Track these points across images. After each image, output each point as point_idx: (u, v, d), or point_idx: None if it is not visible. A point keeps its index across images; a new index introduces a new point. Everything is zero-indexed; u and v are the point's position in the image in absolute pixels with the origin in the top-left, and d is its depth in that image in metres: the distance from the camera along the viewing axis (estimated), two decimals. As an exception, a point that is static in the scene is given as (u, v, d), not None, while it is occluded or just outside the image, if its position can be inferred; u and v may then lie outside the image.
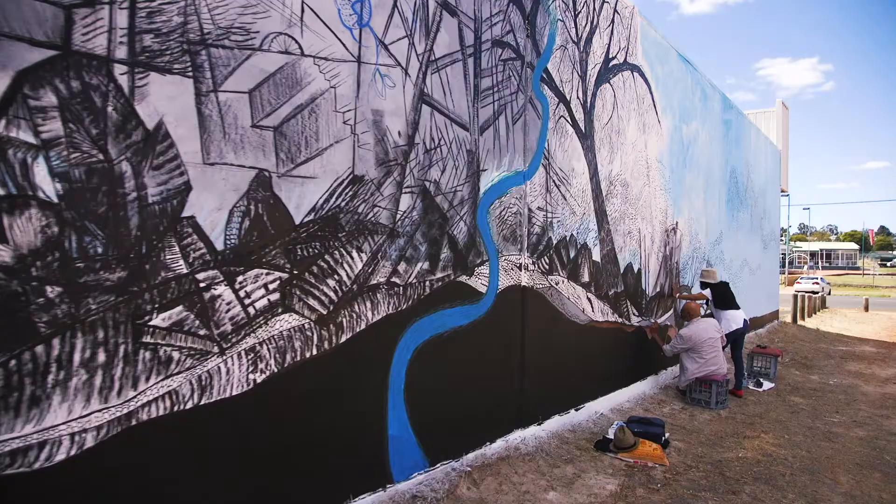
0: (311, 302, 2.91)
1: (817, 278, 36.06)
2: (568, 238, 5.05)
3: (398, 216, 3.37)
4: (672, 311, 7.21)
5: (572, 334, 5.15)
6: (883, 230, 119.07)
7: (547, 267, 4.75)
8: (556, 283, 4.89)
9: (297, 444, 2.87)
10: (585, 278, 5.34)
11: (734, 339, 7.11)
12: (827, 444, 5.32)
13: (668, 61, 7.19)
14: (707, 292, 7.33)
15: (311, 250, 2.91)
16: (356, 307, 3.13)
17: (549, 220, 4.76)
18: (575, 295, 5.16)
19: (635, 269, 6.38)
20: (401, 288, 3.40)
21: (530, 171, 4.52)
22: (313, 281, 2.92)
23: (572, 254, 5.12)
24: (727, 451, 4.93)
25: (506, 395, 4.34)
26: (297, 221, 2.85)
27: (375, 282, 3.24)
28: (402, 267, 3.40)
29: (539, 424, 4.68)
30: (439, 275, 3.67)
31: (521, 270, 4.43)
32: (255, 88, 2.65)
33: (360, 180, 3.14)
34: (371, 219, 3.20)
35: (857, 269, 73.36)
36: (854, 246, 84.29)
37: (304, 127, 2.86)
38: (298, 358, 2.86)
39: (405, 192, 3.41)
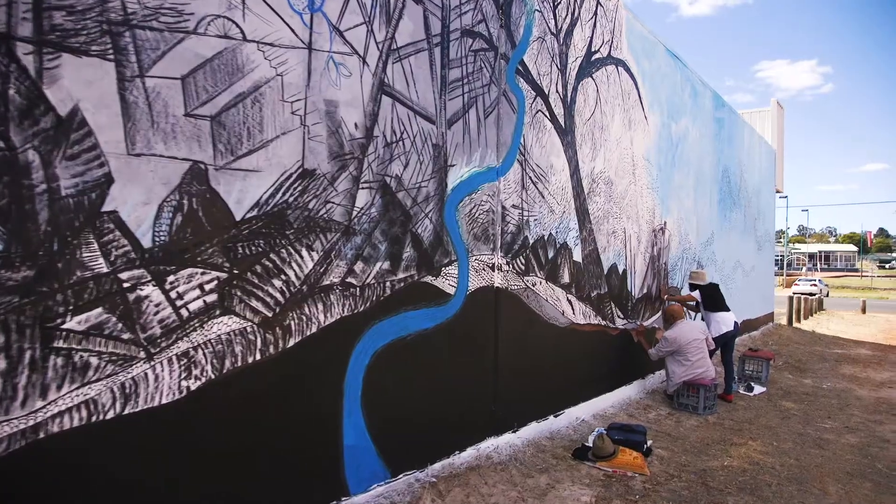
0: (255, 303, 2.72)
1: (815, 280, 35.88)
2: (546, 237, 4.86)
3: (355, 213, 3.18)
4: (660, 313, 7.01)
5: (551, 337, 4.96)
6: (882, 232, 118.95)
7: (523, 267, 4.56)
8: (533, 285, 4.69)
9: (238, 456, 2.67)
10: (565, 279, 5.15)
11: (724, 343, 6.91)
12: (817, 452, 5.13)
13: (656, 56, 7.01)
14: (696, 294, 7.14)
15: (254, 248, 2.71)
16: (306, 309, 2.94)
17: (524, 218, 4.57)
18: (554, 297, 4.97)
19: (620, 270, 6.18)
20: (357, 289, 3.20)
21: (504, 167, 4.33)
22: (257, 281, 2.73)
23: (551, 254, 4.93)
24: (712, 460, 4.73)
25: (477, 401, 4.15)
26: (239, 217, 2.65)
27: (328, 282, 3.05)
28: (359, 267, 3.21)
29: (514, 432, 4.48)
30: (402, 275, 3.48)
31: (493, 271, 4.24)
32: (190, 74, 2.46)
33: (311, 174, 2.95)
34: (323, 215, 3.01)
35: (856, 271, 73.19)
36: (853, 248, 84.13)
37: (246, 117, 2.67)
38: (240, 363, 2.66)
39: (363, 188, 3.22)
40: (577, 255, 5.34)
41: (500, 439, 4.31)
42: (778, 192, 14.79)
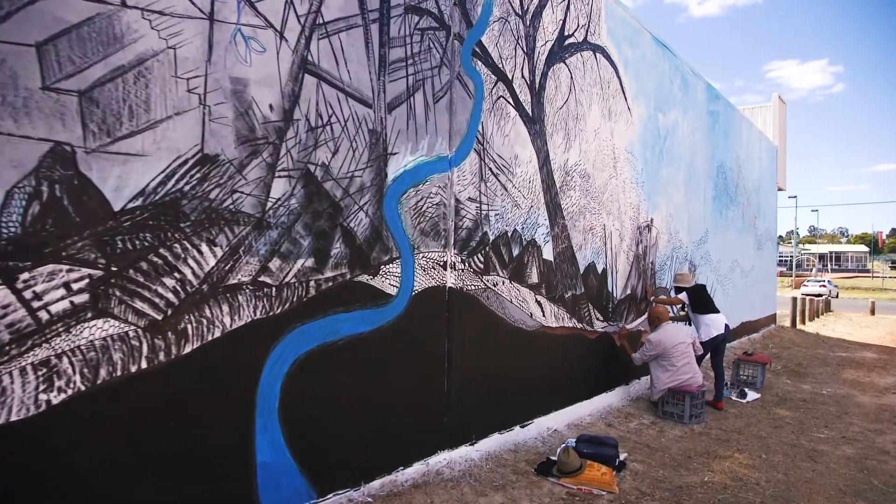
0: (140, 305, 2.39)
1: (824, 281, 35.21)
2: (510, 234, 4.51)
3: (270, 204, 2.84)
4: (646, 315, 6.62)
5: (517, 341, 4.60)
6: (894, 232, 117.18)
7: (482, 266, 4.21)
8: (495, 285, 4.34)
9: (116, 480, 2.34)
10: (533, 279, 4.78)
11: (714, 347, 6.51)
12: (808, 465, 4.74)
13: (641, 44, 6.64)
14: (683, 296, 6.73)
15: (138, 243, 2.39)
16: (207, 311, 2.61)
17: (483, 212, 4.22)
18: (520, 298, 4.61)
19: (599, 270, 5.81)
20: (273, 289, 2.87)
21: (458, 156, 3.98)
22: (142, 280, 2.40)
23: (516, 251, 4.58)
24: (692, 475, 4.36)
25: (427, 411, 3.80)
26: (118, 208, 2.33)
27: (236, 281, 2.71)
28: (275, 264, 2.87)
29: (472, 444, 4.13)
30: (329, 274, 3.14)
31: (446, 269, 3.89)
32: (48, 42, 2.14)
33: (213, 160, 2.62)
34: (230, 206, 2.68)
35: (868, 271, 72.00)
36: (864, 248, 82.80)
37: (127, 94, 2.35)
38: (119, 373, 2.33)
39: (280, 176, 2.89)
40: (548, 253, 4.98)
41: (454, 453, 3.96)
42: (780, 189, 14.32)
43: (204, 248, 2.59)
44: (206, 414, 2.61)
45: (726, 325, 6.51)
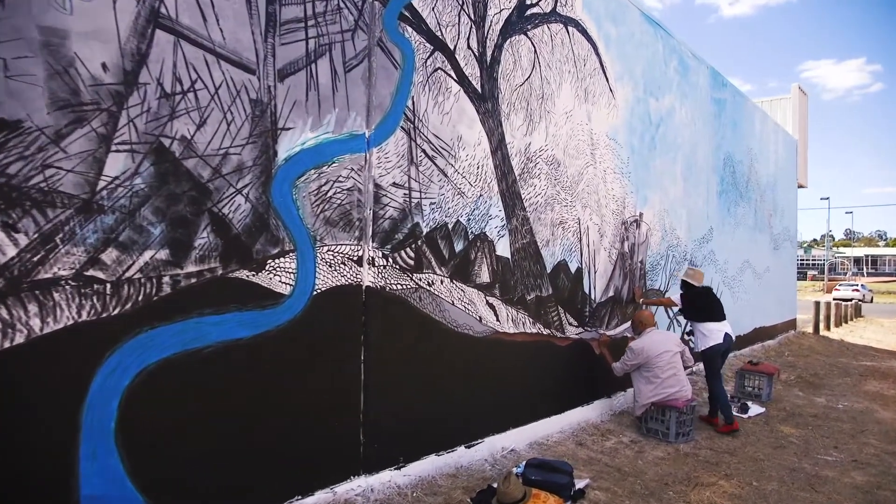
0: None
1: (858, 285, 33.58)
2: (451, 226, 3.95)
3: (102, 184, 2.35)
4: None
5: (462, 350, 4.03)
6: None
7: (411, 262, 3.66)
8: (430, 284, 3.78)
9: None
10: (483, 278, 4.21)
11: (709, 358, 5.73)
12: (806, 496, 4.07)
13: (626, 21, 6.01)
14: (676, 297, 5.97)
15: None
16: (4, 311, 2.11)
17: (414, 201, 3.67)
18: (465, 300, 4.05)
19: (572, 269, 5.20)
20: (108, 285, 2.37)
21: (379, 135, 3.44)
22: None
23: (459, 246, 4.01)
24: (662, 506, 3.73)
25: (336, 430, 3.26)
26: None
27: (50, 276, 2.22)
28: (110, 255, 2.37)
29: (399, 468, 3.57)
30: (192, 269, 2.63)
31: (361, 266, 3.35)
32: None
33: (13, 127, 2.13)
34: (39, 184, 2.19)
35: (907, 275, 69.01)
36: (903, 251, 79.52)
37: None
38: None
39: (119, 151, 2.39)
40: (504, 249, 4.40)
41: (373, 479, 3.41)
42: (801, 186, 13.39)
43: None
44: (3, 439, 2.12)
45: (727, 336, 5.66)
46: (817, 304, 13.74)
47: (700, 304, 5.75)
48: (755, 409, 6.29)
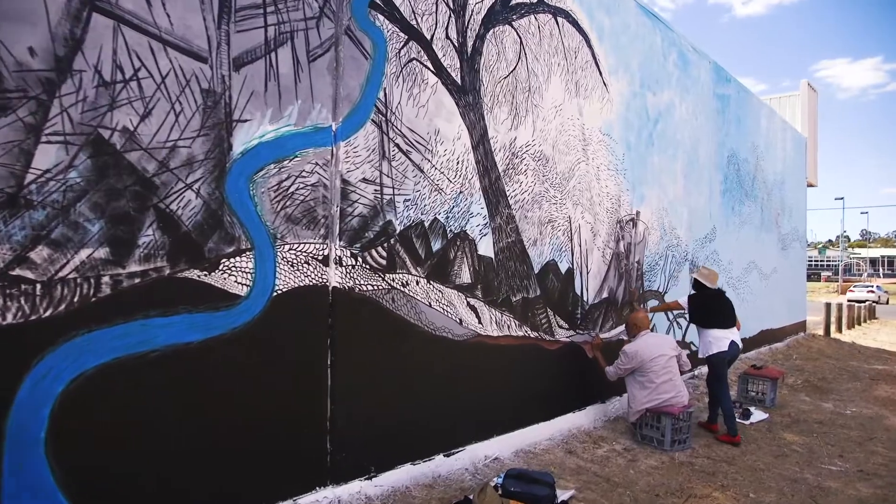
0: None
1: (873, 286, 32.94)
2: (428, 224, 3.77)
3: (31, 177, 2.20)
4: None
5: (441, 353, 3.85)
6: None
7: (384, 262, 3.48)
8: (405, 285, 3.61)
9: None
10: (464, 279, 4.03)
11: (713, 364, 5.38)
12: (806, 509, 3.84)
13: (621, 12, 5.80)
14: (683, 301, 5.71)
15: None
16: (-83, 315, 1.97)
17: (387, 197, 3.50)
18: (444, 301, 3.87)
19: (563, 269, 5.00)
20: (38, 286, 2.22)
21: (347, 128, 3.28)
22: None
23: (437, 245, 3.83)
24: (650, 520, 3.53)
25: (300, 439, 3.09)
26: None
27: (-30, 276, 2.07)
28: (41, 254, 2.22)
29: (370, 478, 3.40)
30: (136, 268, 2.47)
31: (328, 265, 3.18)
32: None
33: (-72, 116, 1.98)
34: (-41, 177, 2.04)
35: (925, 276, 67.71)
36: (922, 252, 78.11)
37: None
38: None
39: (50, 142, 2.24)
40: (487, 249, 4.21)
41: (341, 489, 3.24)
42: (810, 185, 13.06)
43: (-88, 231, 1.96)
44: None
45: (732, 343, 5.34)
46: (828, 305, 13.38)
47: (709, 308, 5.42)
48: (758, 415, 6.04)
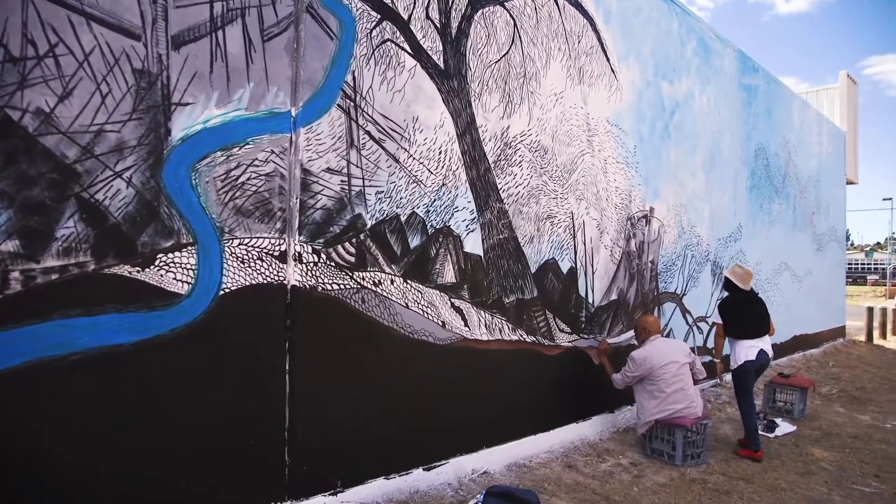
0: None
1: (923, 290, 31.17)
2: (405, 218, 3.48)
3: (-73, 161, 1.99)
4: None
5: (421, 359, 3.56)
6: None
7: (352, 259, 3.21)
8: (377, 284, 3.32)
9: None
10: (448, 278, 3.72)
11: (738, 375, 4.89)
12: (830, 537, 3.40)
13: (631, -6, 5.42)
14: (716, 315, 5.08)
15: None
16: None
17: (355, 189, 3.22)
18: (423, 302, 3.57)
19: (564, 269, 4.64)
20: (-66, 282, 2.01)
21: (309, 113, 3.01)
22: None
23: (415, 241, 3.54)
24: (648, 547, 3.16)
25: (254, 452, 2.83)
26: None
27: None
28: (-63, 247, 2.02)
29: (335, 493, 3.12)
30: (54, 262, 2.25)
31: (285, 262, 2.92)
32: None
33: None
34: None
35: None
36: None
37: None
38: None
39: (-51, 123, 2.03)
40: (474, 246, 3.90)
41: (302, 507, 2.97)
42: (850, 182, 12.28)
43: None
44: None
45: (761, 352, 4.86)
46: (870, 309, 12.55)
47: (740, 316, 4.91)
48: (784, 427, 5.54)
